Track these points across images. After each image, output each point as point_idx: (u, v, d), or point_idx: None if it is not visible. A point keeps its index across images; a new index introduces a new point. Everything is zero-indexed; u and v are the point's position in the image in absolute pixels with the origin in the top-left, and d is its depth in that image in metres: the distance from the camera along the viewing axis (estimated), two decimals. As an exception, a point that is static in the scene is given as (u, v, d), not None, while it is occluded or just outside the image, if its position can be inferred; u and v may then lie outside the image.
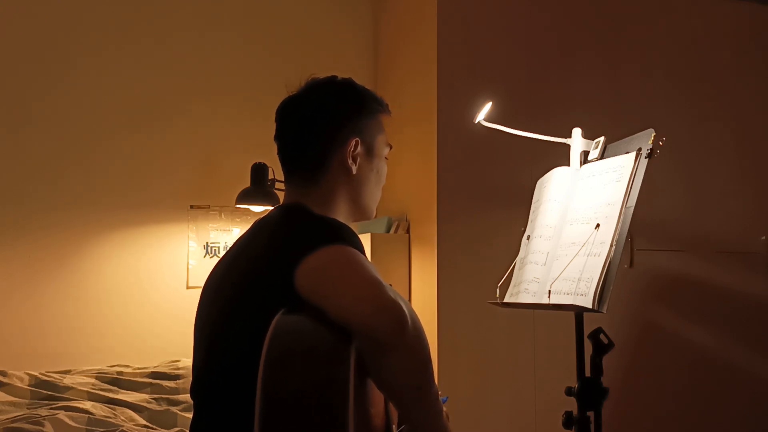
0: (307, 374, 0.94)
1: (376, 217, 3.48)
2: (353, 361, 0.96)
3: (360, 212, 1.35)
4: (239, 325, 1.12)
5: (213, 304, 1.23)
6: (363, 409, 1.06)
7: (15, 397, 2.32)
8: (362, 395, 1.06)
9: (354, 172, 1.29)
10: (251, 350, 1.02)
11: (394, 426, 1.17)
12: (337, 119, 1.30)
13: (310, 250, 1.06)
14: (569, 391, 1.44)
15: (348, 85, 1.34)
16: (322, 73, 1.38)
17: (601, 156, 1.57)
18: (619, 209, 1.37)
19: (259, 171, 2.88)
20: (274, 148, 1.37)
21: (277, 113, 1.35)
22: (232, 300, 1.17)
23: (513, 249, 1.71)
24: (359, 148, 1.29)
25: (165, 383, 2.57)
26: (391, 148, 1.39)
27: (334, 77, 1.35)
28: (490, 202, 2.76)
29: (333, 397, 0.92)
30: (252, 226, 1.29)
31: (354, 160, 1.29)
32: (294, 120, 1.32)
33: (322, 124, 1.29)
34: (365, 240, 2.87)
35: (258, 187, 2.88)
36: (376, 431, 1.13)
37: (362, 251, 1.11)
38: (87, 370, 2.64)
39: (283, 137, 1.33)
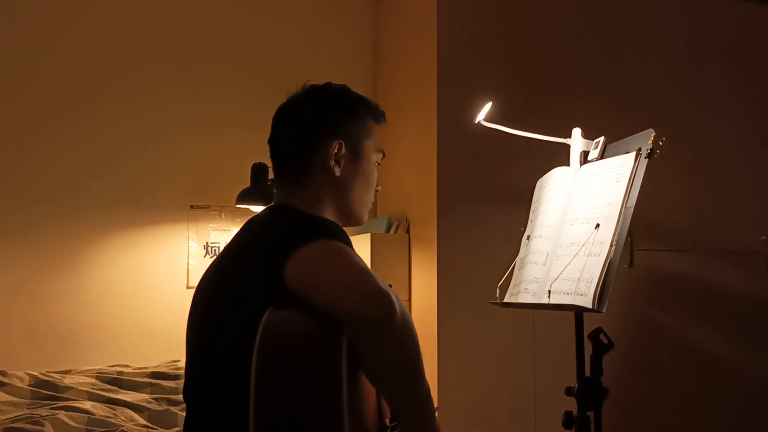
0: (300, 368, 0.95)
1: (376, 217, 3.48)
2: (345, 353, 0.96)
3: (347, 215, 1.34)
4: (229, 322, 1.13)
5: (203, 305, 1.24)
6: (355, 401, 1.07)
7: (15, 397, 2.31)
8: (355, 387, 1.07)
9: (337, 173, 1.29)
10: (241, 347, 1.03)
11: (387, 420, 1.17)
12: (320, 121, 1.31)
13: (299, 245, 1.07)
14: (569, 391, 1.44)
15: (339, 90, 1.36)
16: (322, 76, 1.39)
17: (601, 156, 1.57)
18: (619, 209, 1.37)
19: (259, 171, 2.88)
20: (275, 148, 1.37)
21: (273, 117, 1.37)
22: (220, 298, 1.18)
23: (513, 249, 1.71)
24: (343, 150, 1.30)
25: (165, 383, 2.57)
26: (384, 155, 1.39)
27: (329, 83, 1.36)
28: (490, 202, 2.76)
29: (327, 389, 0.93)
30: (242, 227, 1.31)
31: (337, 162, 1.29)
32: (283, 122, 1.34)
33: (308, 126, 1.31)
34: (365, 240, 2.87)
35: (258, 187, 2.88)
36: (369, 424, 1.13)
37: (350, 246, 1.12)
38: (87, 370, 2.64)
39: (273, 139, 1.35)
